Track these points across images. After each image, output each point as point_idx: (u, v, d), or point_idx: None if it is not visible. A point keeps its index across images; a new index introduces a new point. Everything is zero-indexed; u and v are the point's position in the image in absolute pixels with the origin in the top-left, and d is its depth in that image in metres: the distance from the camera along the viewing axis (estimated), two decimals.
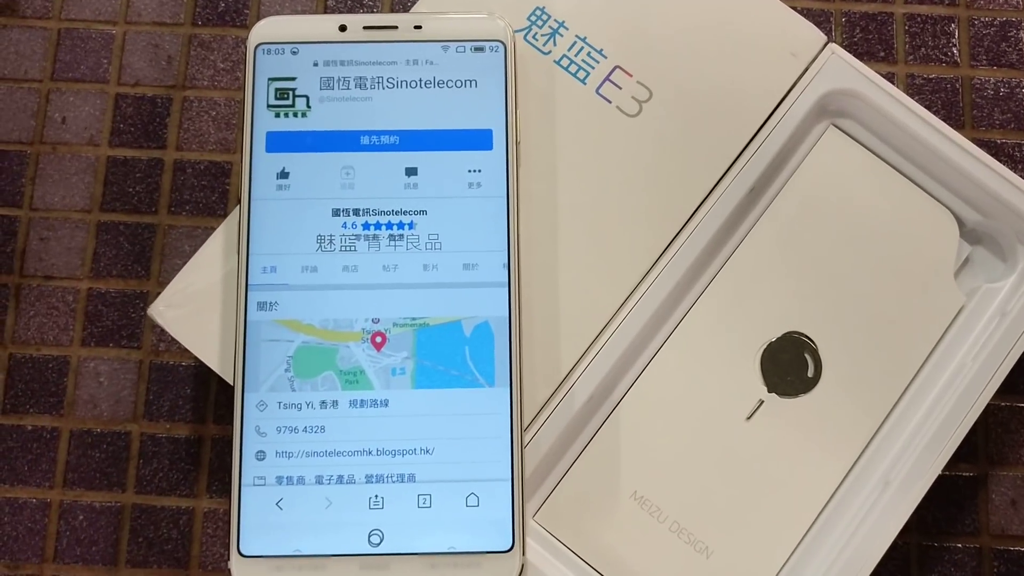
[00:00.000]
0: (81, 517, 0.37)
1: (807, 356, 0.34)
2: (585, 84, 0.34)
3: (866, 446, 0.34)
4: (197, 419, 0.38)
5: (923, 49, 0.41)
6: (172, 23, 0.41)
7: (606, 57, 0.35)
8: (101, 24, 0.41)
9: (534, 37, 0.35)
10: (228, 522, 0.35)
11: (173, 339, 0.32)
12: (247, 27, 0.41)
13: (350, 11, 0.42)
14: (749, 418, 0.33)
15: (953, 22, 0.42)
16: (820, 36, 0.35)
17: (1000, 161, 0.38)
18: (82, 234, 0.39)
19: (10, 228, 0.39)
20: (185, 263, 0.33)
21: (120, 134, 0.40)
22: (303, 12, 0.42)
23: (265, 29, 0.32)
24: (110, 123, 0.40)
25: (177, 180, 0.40)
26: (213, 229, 0.34)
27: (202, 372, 0.38)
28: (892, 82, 0.40)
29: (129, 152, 0.40)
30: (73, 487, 0.37)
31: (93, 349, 0.38)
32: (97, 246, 0.39)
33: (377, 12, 0.41)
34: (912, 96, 0.40)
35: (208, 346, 0.32)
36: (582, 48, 0.35)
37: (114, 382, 0.38)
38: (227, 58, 0.41)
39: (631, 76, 0.34)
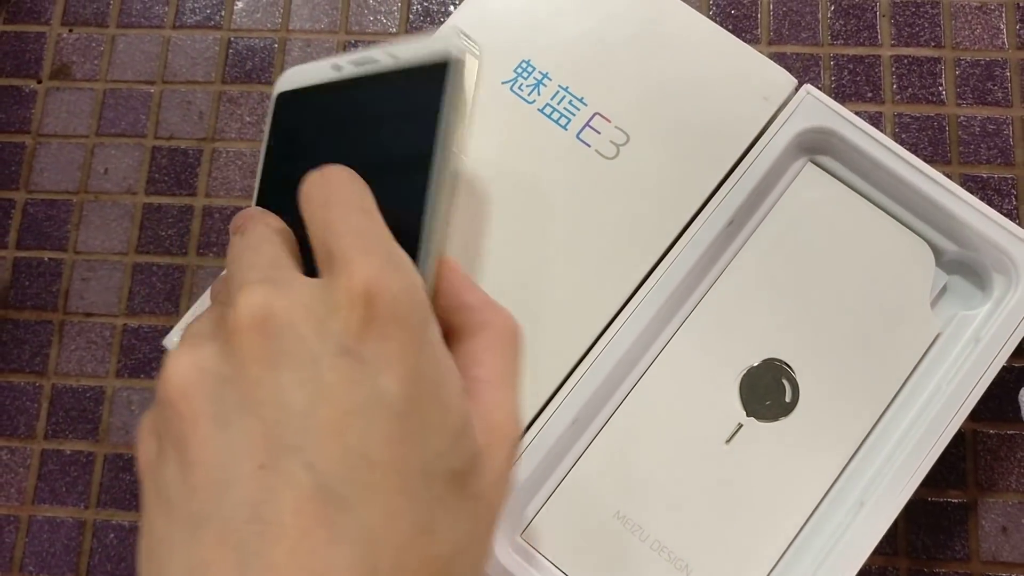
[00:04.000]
0: (112, 536, 0.40)
1: (785, 381, 0.35)
2: (566, 130, 0.37)
3: (842, 469, 0.35)
4: None
5: (910, 89, 0.43)
6: (204, 81, 0.45)
7: (586, 104, 0.37)
8: (141, 84, 0.45)
9: (520, 87, 0.37)
10: None
11: None
12: (271, 83, 0.45)
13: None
14: (728, 441, 0.35)
15: (940, 63, 0.43)
16: (791, 80, 0.37)
17: (987, 195, 0.39)
18: (119, 274, 0.43)
19: (56, 270, 0.43)
20: None
21: (155, 183, 0.44)
22: None
23: (284, 78, 0.35)
24: (147, 173, 0.44)
25: (206, 224, 0.43)
26: None
27: None
28: (880, 121, 0.41)
29: (163, 199, 0.44)
30: (106, 507, 0.40)
31: (127, 380, 0.42)
32: (132, 285, 0.43)
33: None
34: (900, 135, 0.42)
35: None
36: (564, 96, 0.37)
37: (144, 410, 0.41)
38: (253, 112, 0.45)
39: (609, 121, 0.37)
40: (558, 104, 0.37)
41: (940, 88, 0.43)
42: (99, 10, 0.46)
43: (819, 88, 0.37)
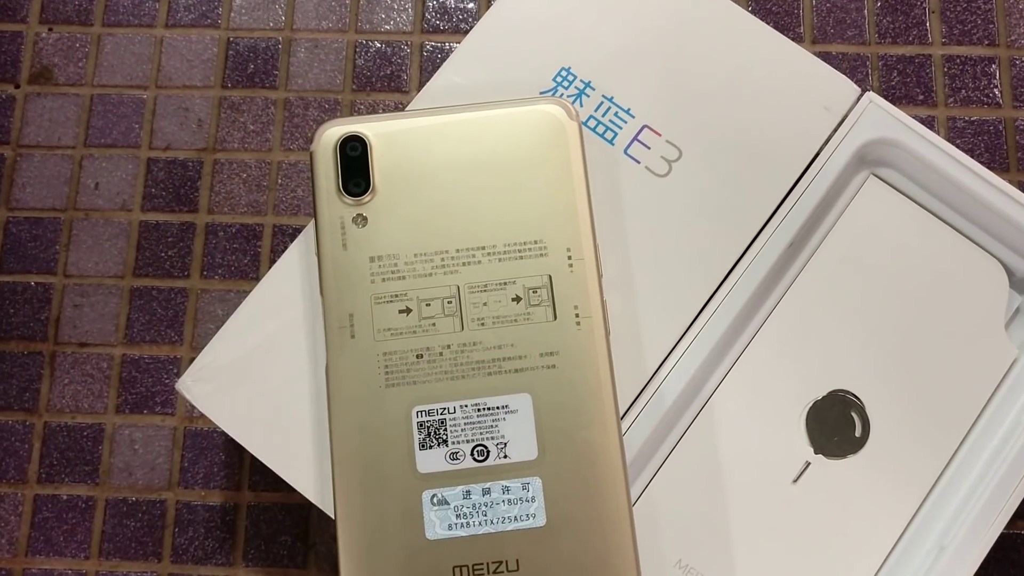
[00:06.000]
0: None
1: (854, 415, 0.33)
2: (613, 145, 0.34)
3: (918, 508, 0.33)
4: (232, 486, 0.37)
5: (963, 91, 0.40)
6: (202, 86, 0.42)
7: (634, 116, 0.34)
8: (132, 89, 0.42)
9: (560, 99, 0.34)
10: None
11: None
12: (276, 87, 0.41)
13: (377, 68, 0.42)
14: (796, 481, 0.33)
15: (994, 63, 0.41)
16: (854, 89, 0.34)
17: None
18: (115, 300, 0.39)
19: (44, 295, 0.39)
20: (218, 326, 0.33)
21: (152, 198, 0.40)
22: (332, 71, 0.42)
23: None
24: (142, 188, 0.41)
25: (209, 244, 0.40)
26: (246, 292, 0.34)
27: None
28: (932, 126, 0.39)
29: (161, 216, 0.40)
30: (109, 557, 0.37)
31: (128, 416, 0.38)
32: (130, 311, 0.39)
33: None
34: (954, 140, 0.39)
35: (238, 422, 0.31)
36: (609, 108, 0.34)
37: (149, 449, 0.38)
38: (257, 119, 0.41)
39: (660, 135, 0.34)
40: (603, 116, 0.34)
41: (995, 89, 0.40)
42: (82, 7, 0.42)
43: (868, 91, 0.34)
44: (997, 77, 0.40)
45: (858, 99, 0.34)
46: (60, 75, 0.42)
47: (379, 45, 0.42)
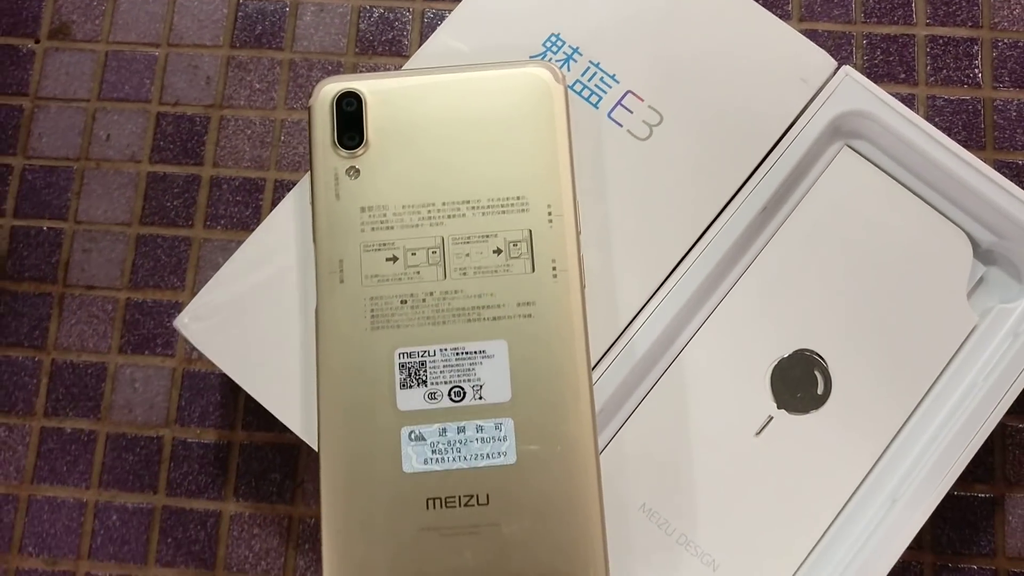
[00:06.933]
0: (115, 517, 0.39)
1: (817, 373, 0.34)
2: (597, 108, 0.35)
3: (875, 464, 0.34)
4: (226, 425, 0.39)
5: (945, 71, 0.42)
6: (211, 45, 0.43)
7: (618, 82, 0.36)
8: (145, 47, 0.43)
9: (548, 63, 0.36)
10: (253, 525, 0.37)
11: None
12: (282, 48, 0.43)
13: (379, 33, 0.43)
14: (758, 434, 0.34)
15: (976, 43, 0.42)
16: (831, 62, 0.36)
17: (1023, 182, 0.38)
18: (122, 246, 0.41)
19: (56, 240, 0.41)
20: None
21: (160, 151, 0.42)
22: (336, 35, 0.43)
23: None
24: (151, 140, 0.42)
25: (213, 195, 0.42)
26: None
27: (231, 380, 0.39)
28: (912, 104, 0.40)
29: (168, 168, 0.42)
30: (108, 488, 0.39)
31: (130, 356, 0.40)
32: (136, 258, 0.41)
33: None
34: (933, 118, 0.41)
35: (231, 358, 0.33)
36: (595, 73, 0.36)
37: (148, 388, 0.40)
38: (263, 78, 0.43)
39: (642, 100, 0.35)
40: (589, 81, 0.36)
41: (976, 70, 0.41)
42: None
43: (844, 65, 0.36)
44: (979, 58, 0.42)
45: (834, 72, 0.36)
46: (78, 31, 0.44)
47: (382, 11, 0.44)
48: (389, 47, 0.43)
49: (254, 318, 0.34)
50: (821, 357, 0.35)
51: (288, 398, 0.33)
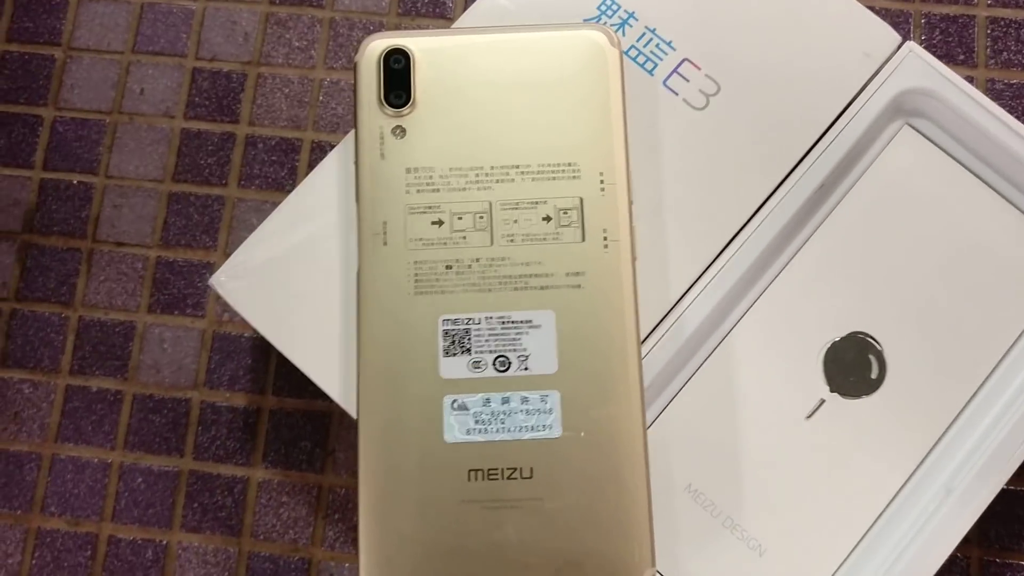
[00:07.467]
0: (140, 479, 0.38)
1: (871, 357, 0.33)
2: (652, 75, 0.34)
3: (929, 452, 0.33)
4: (256, 390, 0.38)
5: (1005, 53, 0.40)
6: (250, 0, 0.42)
7: (675, 49, 0.34)
8: (182, 0, 0.42)
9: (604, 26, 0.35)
10: (281, 493, 0.36)
11: (232, 307, 0.32)
12: (323, 7, 0.42)
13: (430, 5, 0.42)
14: (809, 417, 0.33)
15: None
16: (895, 36, 0.34)
17: None
18: (153, 203, 0.40)
19: (86, 194, 0.40)
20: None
21: (195, 107, 0.41)
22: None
23: None
24: (186, 96, 0.41)
25: (248, 154, 0.41)
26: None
27: (263, 344, 0.39)
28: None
29: (203, 125, 0.41)
30: (133, 450, 0.38)
31: (159, 316, 0.39)
32: (167, 215, 0.40)
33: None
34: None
35: (269, 320, 0.32)
36: (651, 39, 0.35)
37: (177, 349, 0.39)
38: (302, 37, 0.42)
39: (699, 69, 0.34)
40: (644, 47, 0.35)
41: None
42: None
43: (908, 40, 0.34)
44: None
45: (898, 47, 0.34)
46: None
47: None
48: (432, 8, 0.42)
49: (293, 279, 0.33)
50: (876, 340, 0.33)
51: (326, 363, 0.32)
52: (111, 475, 0.38)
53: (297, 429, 0.38)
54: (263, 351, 0.39)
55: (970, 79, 0.40)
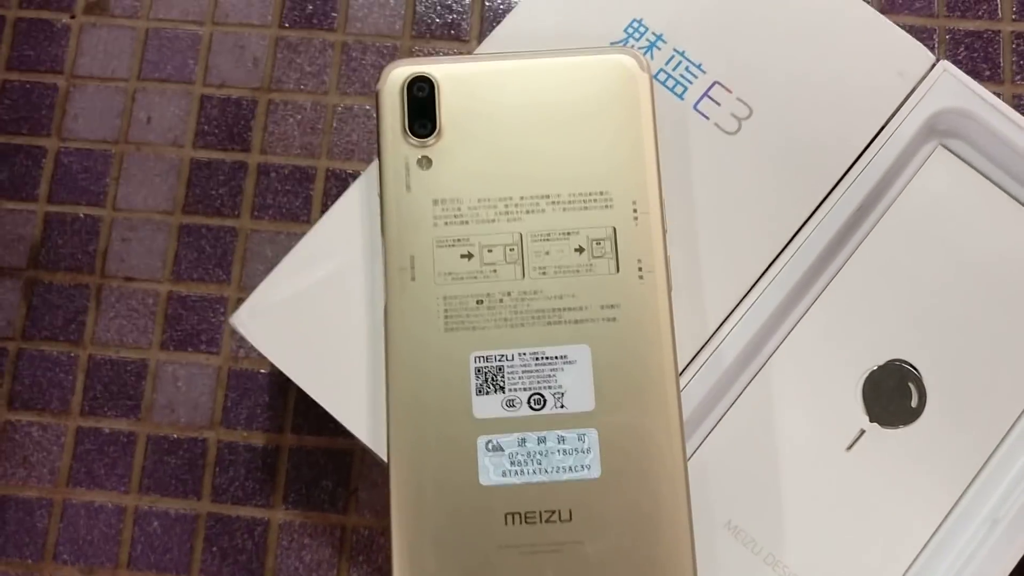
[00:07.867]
0: (156, 524, 0.37)
1: (911, 385, 0.33)
2: (682, 99, 0.33)
3: (972, 481, 0.32)
4: (275, 428, 0.37)
5: None
6: (259, 24, 0.41)
7: (705, 72, 0.34)
8: (188, 24, 0.41)
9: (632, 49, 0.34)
10: (303, 534, 0.35)
11: (253, 345, 0.31)
12: (335, 30, 0.41)
13: (437, 16, 0.41)
14: (850, 448, 0.32)
15: None
16: (928, 55, 0.34)
17: None
18: (163, 236, 0.39)
19: (93, 228, 0.39)
20: (266, 268, 0.32)
21: (204, 135, 0.40)
22: (391, 16, 0.41)
23: None
24: (195, 124, 0.40)
25: (261, 184, 0.39)
26: (296, 234, 0.34)
27: (281, 380, 0.38)
28: None
29: (213, 154, 0.40)
30: (149, 492, 0.37)
31: (172, 353, 0.38)
32: (178, 248, 0.39)
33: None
34: None
35: (293, 360, 0.31)
36: (680, 62, 0.34)
37: (192, 387, 0.38)
38: (314, 61, 0.41)
39: (730, 92, 0.33)
40: (673, 70, 0.34)
41: None
42: None
43: (942, 60, 0.34)
44: None
45: (932, 67, 0.34)
46: (116, 7, 0.41)
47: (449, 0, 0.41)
48: (448, 31, 0.41)
49: (317, 317, 0.31)
50: (916, 368, 0.33)
51: (354, 403, 0.31)
52: (126, 520, 0.37)
53: (318, 468, 0.37)
54: (281, 387, 0.37)
55: (996, 95, 0.39)
